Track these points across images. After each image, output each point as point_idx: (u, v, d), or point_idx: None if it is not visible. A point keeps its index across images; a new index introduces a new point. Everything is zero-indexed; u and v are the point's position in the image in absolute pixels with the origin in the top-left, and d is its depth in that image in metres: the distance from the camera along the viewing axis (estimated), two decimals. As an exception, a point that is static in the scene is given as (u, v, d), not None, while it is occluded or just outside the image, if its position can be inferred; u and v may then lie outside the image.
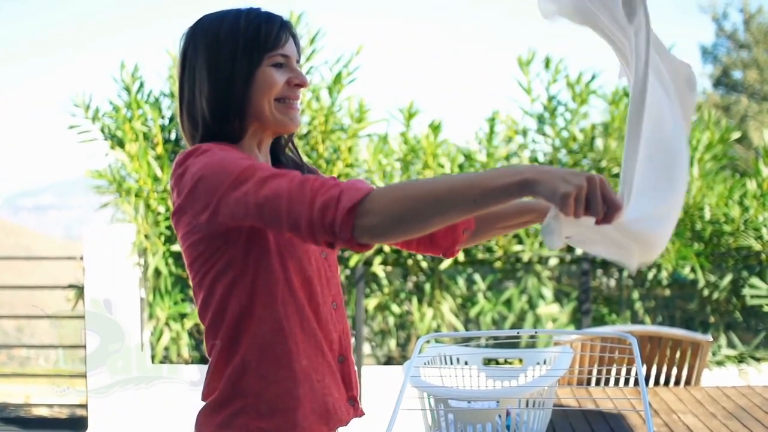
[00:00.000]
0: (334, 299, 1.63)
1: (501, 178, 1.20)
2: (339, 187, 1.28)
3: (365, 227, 1.25)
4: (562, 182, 1.17)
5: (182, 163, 1.45)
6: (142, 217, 5.77)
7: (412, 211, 1.24)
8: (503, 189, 1.20)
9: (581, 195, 1.17)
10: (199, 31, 1.56)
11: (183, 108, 1.57)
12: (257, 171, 1.35)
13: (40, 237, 55.89)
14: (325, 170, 5.94)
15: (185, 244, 1.51)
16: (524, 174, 1.19)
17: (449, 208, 1.23)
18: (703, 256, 5.86)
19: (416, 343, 2.28)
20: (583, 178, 1.17)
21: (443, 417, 2.25)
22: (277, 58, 1.53)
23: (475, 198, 1.22)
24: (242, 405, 1.50)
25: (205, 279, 1.50)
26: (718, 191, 5.96)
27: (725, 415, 2.84)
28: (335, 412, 1.57)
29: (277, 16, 1.55)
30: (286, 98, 1.55)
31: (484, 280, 6.10)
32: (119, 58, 6.13)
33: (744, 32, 22.67)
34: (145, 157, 5.78)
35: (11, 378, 7.85)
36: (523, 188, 1.19)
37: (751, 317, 6.17)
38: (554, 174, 1.18)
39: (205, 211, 1.40)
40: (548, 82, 6.18)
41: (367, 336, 6.32)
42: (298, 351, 1.51)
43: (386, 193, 1.26)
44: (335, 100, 6.00)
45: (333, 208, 1.25)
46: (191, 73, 1.54)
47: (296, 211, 1.29)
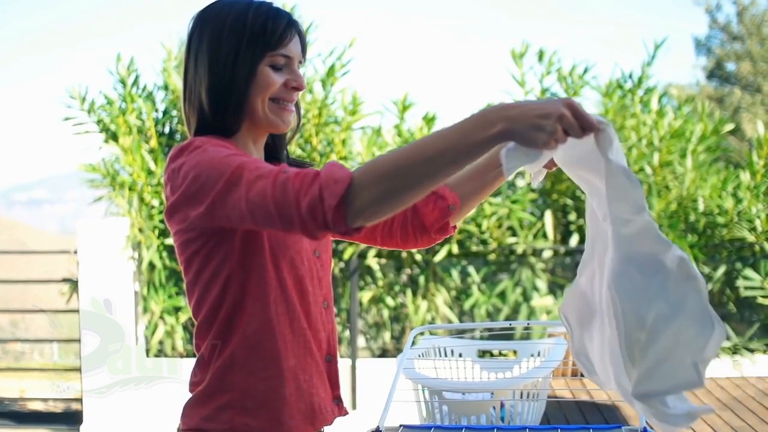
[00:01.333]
0: (325, 298, 1.62)
1: (475, 133, 1.20)
2: (318, 182, 1.26)
3: (356, 214, 1.25)
4: (537, 131, 1.17)
5: (175, 158, 1.44)
6: (136, 211, 5.76)
7: (395, 186, 1.23)
8: (480, 144, 1.20)
9: (559, 136, 1.18)
10: (207, 16, 1.53)
11: (185, 93, 1.56)
12: (245, 171, 1.34)
13: (34, 231, 55.78)
14: (319, 163, 5.94)
15: (179, 241, 1.50)
16: (497, 126, 1.18)
17: (431, 174, 1.23)
18: (696, 248, 5.87)
19: (410, 336, 2.28)
20: (554, 119, 1.16)
21: (438, 408, 2.25)
22: (279, 58, 1.51)
23: (454, 158, 1.21)
24: (228, 399, 1.50)
25: (201, 276, 1.50)
26: (712, 183, 5.98)
27: (719, 405, 2.86)
28: (321, 412, 1.57)
29: (286, 14, 1.52)
30: (281, 99, 1.54)
31: (479, 273, 6.11)
32: (115, 52, 6.10)
33: (737, 24, 22.70)
34: (139, 150, 5.77)
35: (6, 372, 7.84)
36: (499, 140, 1.19)
37: (744, 308, 6.19)
38: (527, 120, 1.17)
39: (199, 211, 1.39)
40: (542, 74, 6.18)
41: (361, 329, 6.32)
42: (286, 350, 1.51)
43: (366, 176, 1.24)
44: (329, 93, 6.00)
45: (320, 208, 1.25)
46: (195, 59, 1.53)
47: (286, 216, 1.28)
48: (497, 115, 1.19)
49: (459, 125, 1.22)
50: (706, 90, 22.26)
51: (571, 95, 6.10)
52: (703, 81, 23.33)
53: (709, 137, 6.08)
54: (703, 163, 6.09)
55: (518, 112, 1.18)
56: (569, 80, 6.11)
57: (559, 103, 1.18)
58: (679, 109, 6.26)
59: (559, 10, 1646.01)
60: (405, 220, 1.74)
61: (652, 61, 6.21)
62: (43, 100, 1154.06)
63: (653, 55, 6.20)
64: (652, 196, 5.90)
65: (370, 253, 5.87)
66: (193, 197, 1.39)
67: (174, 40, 6.24)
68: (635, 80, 6.22)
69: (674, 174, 6.11)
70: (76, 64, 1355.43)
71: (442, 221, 1.72)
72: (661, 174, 6.06)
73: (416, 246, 1.81)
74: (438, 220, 1.72)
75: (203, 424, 1.51)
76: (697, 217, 5.99)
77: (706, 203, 5.94)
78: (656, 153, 6.02)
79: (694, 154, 6.02)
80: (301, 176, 1.28)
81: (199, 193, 1.38)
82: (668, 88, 15.50)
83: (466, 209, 1.75)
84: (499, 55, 8.93)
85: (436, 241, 1.78)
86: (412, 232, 1.75)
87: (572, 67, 6.13)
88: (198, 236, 1.46)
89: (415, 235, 1.76)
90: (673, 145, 5.99)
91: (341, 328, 6.14)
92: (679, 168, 6.05)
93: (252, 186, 1.31)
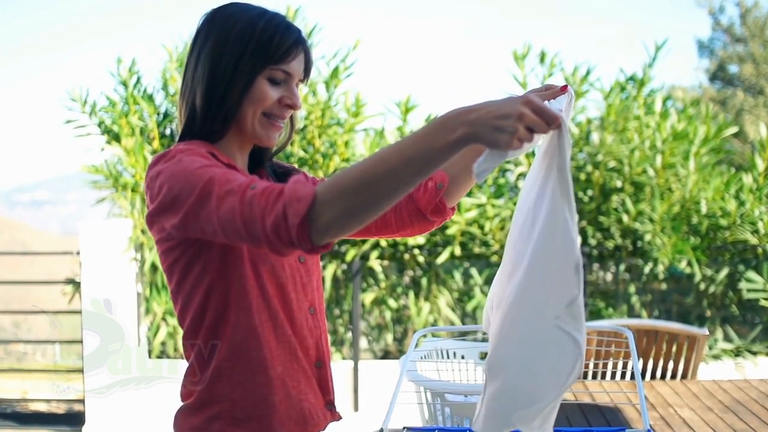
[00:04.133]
0: (311, 304, 1.61)
1: (436, 139, 1.18)
2: (282, 199, 1.24)
3: (321, 231, 1.23)
4: (499, 132, 1.15)
5: (154, 166, 1.43)
6: (139, 212, 5.76)
7: (360, 201, 1.21)
8: (442, 150, 1.18)
9: (522, 134, 1.16)
10: (218, 18, 1.52)
11: (182, 88, 1.55)
12: (215, 186, 1.32)
13: (36, 232, 55.83)
14: (321, 165, 5.94)
15: (160, 250, 1.50)
16: (457, 131, 1.17)
17: (395, 186, 1.21)
18: (699, 250, 5.87)
19: (412, 338, 2.28)
20: (514, 118, 1.15)
21: (440, 411, 2.25)
22: (278, 73, 1.50)
23: (417, 167, 1.19)
24: (218, 410, 1.50)
25: (183, 285, 1.49)
26: (715, 185, 5.97)
27: (721, 408, 2.85)
28: (311, 418, 1.57)
29: (296, 30, 1.51)
30: (273, 115, 1.53)
31: (481, 274, 6.10)
32: (116, 54, 6.11)
33: (740, 26, 22.71)
34: (141, 151, 5.77)
35: (8, 373, 7.84)
36: (461, 145, 1.18)
37: (747, 311, 6.19)
38: (487, 122, 1.16)
39: (173, 222, 1.38)
40: (544, 76, 6.18)
41: (363, 330, 6.32)
42: (272, 358, 1.51)
43: (329, 192, 1.22)
44: (332, 95, 6.00)
45: (284, 226, 1.23)
46: (197, 58, 1.52)
47: (253, 234, 1.27)
48: (457, 120, 1.18)
49: (419, 133, 1.20)
50: (708, 92, 22.26)
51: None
52: (706, 83, 23.35)
53: (712, 140, 6.07)
54: (705, 165, 6.08)
55: (477, 115, 1.17)
56: (571, 82, 6.10)
57: (517, 102, 1.17)
58: (684, 111, 6.25)
59: (561, 12, 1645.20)
60: (399, 206, 1.73)
61: (653, 63, 6.21)
62: (45, 100, 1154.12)
63: (654, 57, 6.20)
64: (654, 198, 5.90)
65: (372, 254, 5.87)
66: (168, 208, 1.38)
67: (175, 41, 6.25)
68: (637, 82, 6.21)
69: (677, 176, 6.10)
70: (77, 64, 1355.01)
71: (434, 201, 1.71)
72: (663, 176, 6.05)
73: (414, 232, 1.79)
74: (430, 201, 1.71)
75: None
76: (700, 219, 5.98)
77: (708, 205, 5.94)
78: (659, 155, 6.01)
79: (696, 156, 6.01)
80: (267, 193, 1.27)
81: (173, 205, 1.37)
82: (672, 91, 15.49)
83: (460, 188, 1.73)
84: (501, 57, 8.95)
85: (435, 225, 1.76)
86: (407, 217, 1.74)
87: (574, 69, 6.13)
88: (177, 245, 1.46)
89: (411, 220, 1.74)
90: (675, 147, 5.98)
91: (343, 329, 6.14)
92: (681, 170, 6.05)
93: (222, 202, 1.30)
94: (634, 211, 5.97)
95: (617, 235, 6.15)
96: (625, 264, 6.20)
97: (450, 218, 1.77)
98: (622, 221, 6.05)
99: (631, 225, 6.00)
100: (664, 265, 5.94)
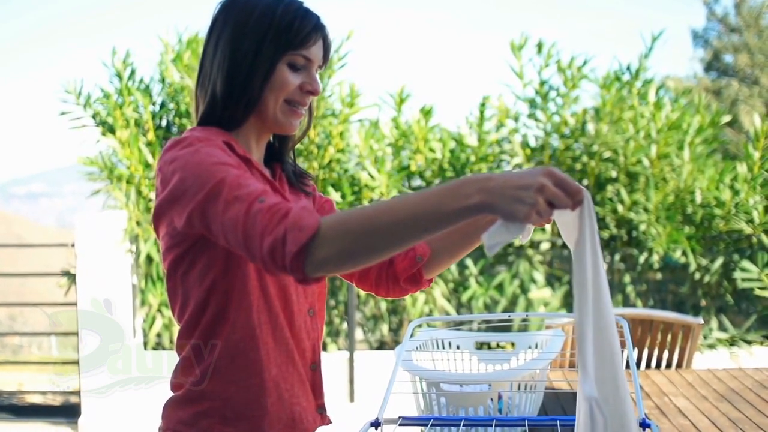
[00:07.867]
0: (311, 306, 1.60)
1: (450, 203, 1.14)
2: (285, 223, 1.23)
3: (316, 265, 1.21)
4: (517, 203, 1.11)
5: (169, 150, 1.42)
6: (134, 204, 5.76)
7: (361, 246, 1.20)
8: (454, 215, 1.15)
9: (541, 208, 1.11)
10: (235, 5, 1.50)
11: (200, 76, 1.54)
12: (224, 188, 1.31)
13: (31, 225, 55.73)
14: (316, 156, 5.94)
15: (165, 245, 1.48)
16: (474, 198, 1.13)
17: (399, 239, 1.19)
18: (694, 240, 5.88)
19: (408, 328, 2.28)
20: (534, 189, 1.10)
21: (435, 401, 2.26)
22: (299, 59, 1.49)
23: (426, 226, 1.17)
24: (208, 407, 1.49)
25: (185, 282, 1.48)
26: (709, 175, 5.98)
27: (716, 397, 2.86)
28: (301, 422, 1.55)
29: (315, 16, 1.50)
30: (295, 102, 1.52)
31: (476, 265, 6.11)
32: (111, 45, 6.08)
33: (735, 16, 22.70)
34: (136, 143, 5.76)
35: (4, 366, 7.84)
36: (475, 212, 1.14)
37: (742, 300, 6.20)
38: (506, 192, 1.11)
39: (181, 216, 1.38)
40: (540, 66, 6.18)
41: (359, 321, 6.33)
42: (269, 359, 1.49)
43: (333, 229, 1.21)
44: (326, 86, 5.99)
45: (280, 251, 1.22)
46: (215, 45, 1.50)
47: (250, 249, 1.26)
48: (475, 187, 1.13)
49: (435, 192, 1.17)
50: (703, 82, 22.26)
51: (569, 87, 6.09)
52: (701, 73, 23.34)
53: (707, 129, 6.08)
54: (700, 155, 6.09)
55: (496, 184, 1.12)
56: (568, 72, 6.10)
57: (539, 173, 1.11)
58: (677, 101, 6.25)
59: (557, 3, 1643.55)
60: (381, 266, 1.70)
61: (649, 54, 6.20)
62: (41, 93, 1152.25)
63: (651, 48, 6.20)
64: (649, 188, 5.91)
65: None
66: (178, 201, 1.36)
67: (171, 33, 6.23)
68: (633, 72, 6.21)
69: (671, 166, 6.11)
70: (73, 58, 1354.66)
71: (410, 271, 1.68)
72: (658, 166, 6.06)
73: (388, 295, 1.75)
74: (407, 269, 1.68)
75: (181, 429, 1.50)
76: (695, 209, 5.99)
77: (703, 195, 5.95)
78: (654, 145, 6.02)
79: (691, 146, 6.02)
80: (272, 212, 1.25)
81: (182, 197, 1.35)
82: (666, 81, 15.49)
83: (441, 263, 1.69)
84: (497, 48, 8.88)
85: (407, 292, 1.73)
86: (384, 279, 1.71)
87: (571, 60, 6.13)
88: (183, 240, 1.44)
89: (387, 283, 1.72)
90: (670, 137, 5.99)
91: (339, 320, 6.15)
92: (676, 160, 6.05)
93: (228, 207, 1.29)
94: (629, 201, 5.98)
95: (612, 225, 6.16)
96: (620, 254, 6.21)
97: (425, 288, 1.74)
98: (617, 211, 6.06)
99: (626, 215, 6.01)
100: (659, 254, 5.95)
